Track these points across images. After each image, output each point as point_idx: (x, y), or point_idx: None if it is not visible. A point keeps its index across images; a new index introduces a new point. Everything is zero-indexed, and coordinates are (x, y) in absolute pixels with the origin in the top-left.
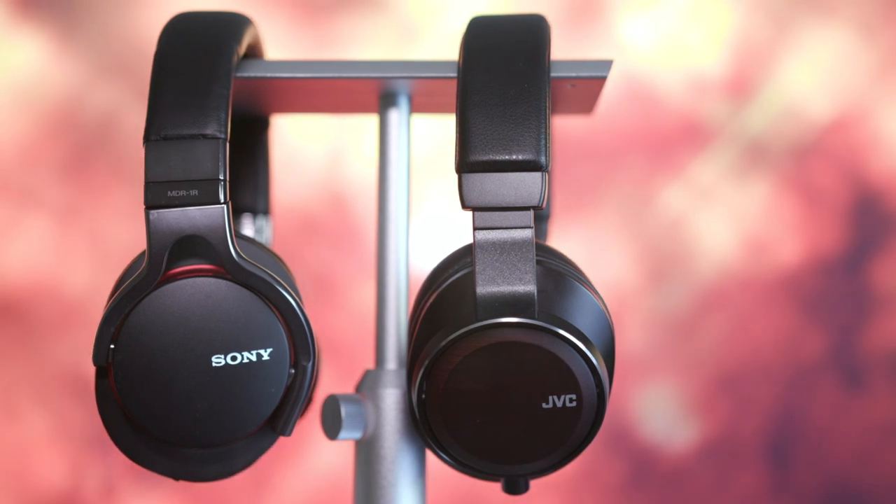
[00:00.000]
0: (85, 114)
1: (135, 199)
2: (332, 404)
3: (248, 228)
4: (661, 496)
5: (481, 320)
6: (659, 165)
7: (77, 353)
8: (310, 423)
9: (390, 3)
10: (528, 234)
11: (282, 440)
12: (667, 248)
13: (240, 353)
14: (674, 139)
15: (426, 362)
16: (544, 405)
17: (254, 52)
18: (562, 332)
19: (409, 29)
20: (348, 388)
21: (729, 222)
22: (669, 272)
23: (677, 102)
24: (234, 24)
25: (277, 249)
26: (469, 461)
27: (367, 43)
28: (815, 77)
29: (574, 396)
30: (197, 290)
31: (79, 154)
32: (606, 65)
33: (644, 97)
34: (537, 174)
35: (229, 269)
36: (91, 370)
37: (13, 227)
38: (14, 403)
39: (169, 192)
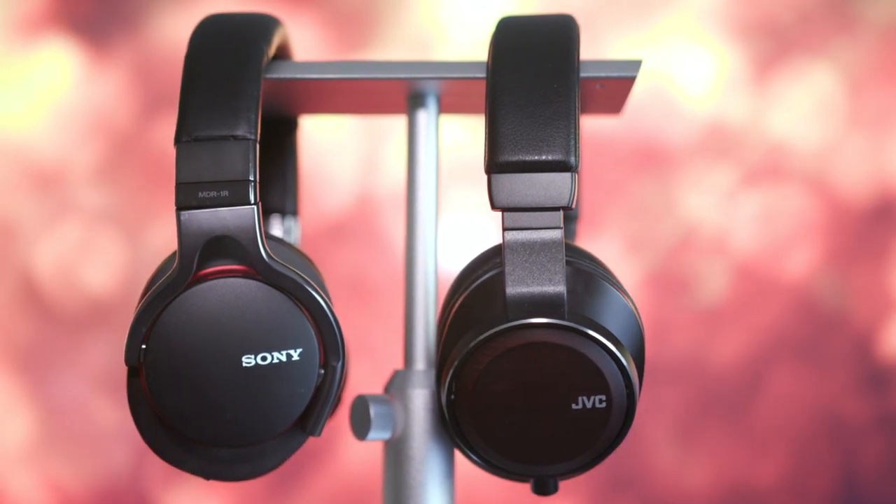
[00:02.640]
0: (151, 140)
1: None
2: (361, 405)
3: (276, 229)
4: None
5: (511, 321)
6: (656, 190)
7: (109, 354)
8: (338, 423)
9: (406, 19)
10: (557, 234)
11: (311, 440)
12: (679, 261)
13: (270, 353)
14: (668, 167)
15: (456, 363)
16: (574, 406)
17: (283, 54)
18: (591, 332)
19: (424, 42)
20: (377, 388)
21: (722, 253)
22: (682, 285)
23: (664, 134)
24: (263, 26)
25: (306, 250)
26: (498, 462)
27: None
28: (799, 115)
29: (604, 397)
30: (227, 290)
31: (145, 176)
32: (636, 65)
33: (634, 128)
34: (567, 174)
35: (259, 270)
36: (122, 370)
37: (85, 243)
38: (49, 401)
39: (199, 193)
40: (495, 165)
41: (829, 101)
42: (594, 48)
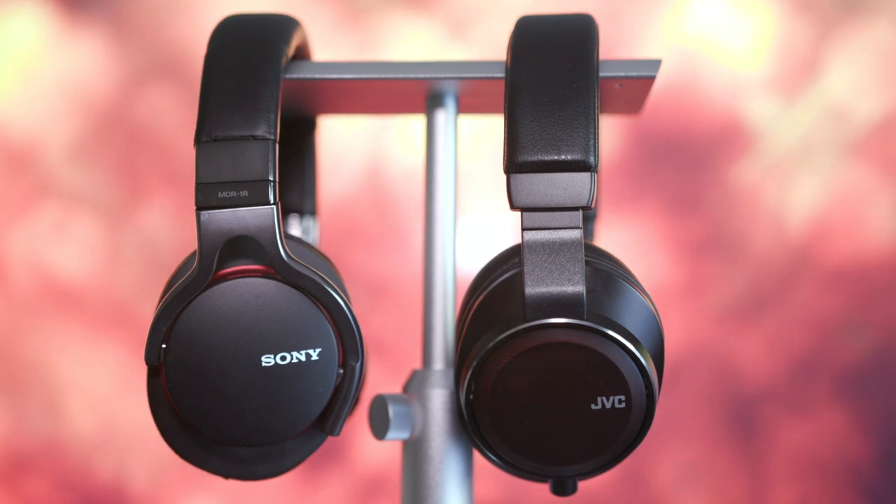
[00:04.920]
0: (133, 115)
1: (179, 199)
2: (379, 404)
3: (294, 229)
4: None
5: (530, 321)
6: (701, 164)
7: (86, 348)
8: (357, 422)
9: (434, 3)
10: (576, 234)
11: (329, 439)
12: (712, 247)
13: (289, 352)
14: (716, 138)
15: (474, 362)
16: (593, 406)
17: (301, 54)
18: (611, 332)
19: (454, 28)
20: (395, 388)
21: (773, 222)
22: (714, 273)
23: (720, 102)
24: (283, 26)
25: (323, 249)
26: (517, 462)
27: (410, 42)
28: (859, 77)
29: (623, 397)
30: (247, 290)
31: (127, 154)
32: (655, 64)
33: (685, 96)
34: (586, 174)
35: (279, 270)
36: (137, 368)
37: (62, 227)
38: (17, 398)
39: (219, 193)
40: (514, 165)
41: (892, 61)
42: (642, 12)
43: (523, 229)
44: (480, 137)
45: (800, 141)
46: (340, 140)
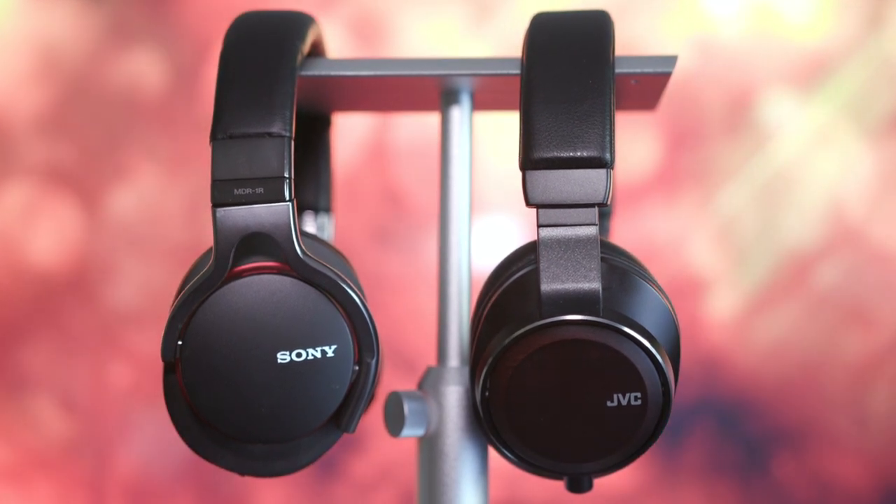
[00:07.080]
0: (110, 82)
1: (160, 175)
2: (395, 401)
3: (309, 226)
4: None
5: (546, 318)
6: (744, 134)
7: (62, 342)
8: (372, 419)
9: None
10: (592, 231)
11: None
12: (751, 220)
13: (305, 349)
14: (762, 108)
15: (490, 359)
16: (609, 403)
17: (317, 51)
18: (627, 329)
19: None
20: (409, 384)
21: (817, 192)
22: (753, 249)
23: (765, 67)
24: (298, 24)
25: (338, 246)
26: (532, 459)
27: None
28: None
29: (639, 394)
30: (263, 287)
31: (104, 126)
32: (671, 61)
33: (728, 60)
34: (602, 171)
35: (294, 267)
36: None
37: (37, 206)
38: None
39: (235, 191)
40: (530, 162)
41: None
42: None
43: (539, 226)
44: (496, 134)
45: (846, 105)
46: (355, 137)
